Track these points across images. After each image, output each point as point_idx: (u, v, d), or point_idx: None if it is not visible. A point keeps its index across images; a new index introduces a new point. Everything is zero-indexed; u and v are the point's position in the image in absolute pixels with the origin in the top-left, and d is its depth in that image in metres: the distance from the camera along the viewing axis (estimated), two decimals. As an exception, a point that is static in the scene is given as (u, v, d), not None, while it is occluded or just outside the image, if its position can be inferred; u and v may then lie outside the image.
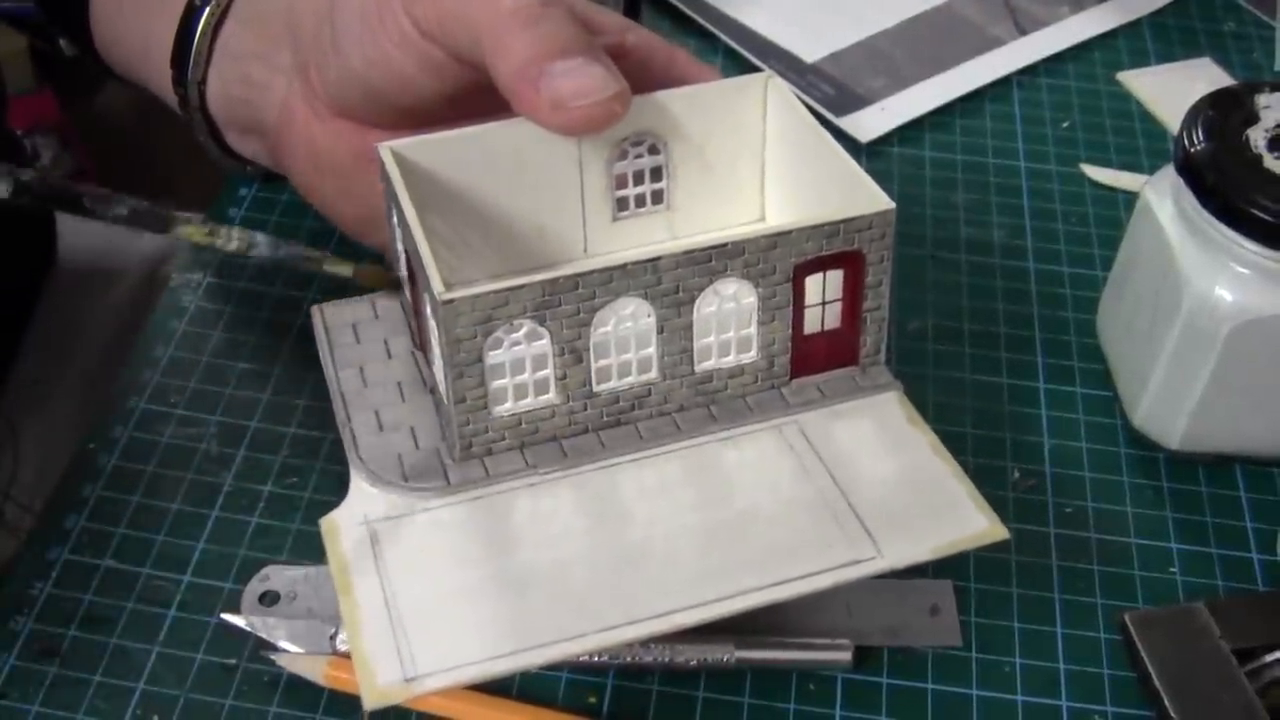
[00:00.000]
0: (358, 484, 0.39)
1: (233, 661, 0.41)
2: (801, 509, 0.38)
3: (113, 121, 1.43)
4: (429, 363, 0.41)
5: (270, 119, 0.48)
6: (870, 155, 0.59)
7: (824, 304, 0.40)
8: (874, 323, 0.41)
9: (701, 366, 0.40)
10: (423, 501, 0.38)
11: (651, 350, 0.39)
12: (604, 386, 0.39)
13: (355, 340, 0.43)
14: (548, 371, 0.38)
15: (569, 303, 0.37)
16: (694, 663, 0.40)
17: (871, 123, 0.61)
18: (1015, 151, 0.60)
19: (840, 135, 0.60)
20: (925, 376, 0.50)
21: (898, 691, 0.41)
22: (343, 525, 0.38)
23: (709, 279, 0.38)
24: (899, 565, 0.36)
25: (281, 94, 0.47)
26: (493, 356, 0.37)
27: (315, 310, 0.44)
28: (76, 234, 0.69)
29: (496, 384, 0.38)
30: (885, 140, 0.60)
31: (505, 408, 0.38)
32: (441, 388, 0.39)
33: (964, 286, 0.53)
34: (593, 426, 0.39)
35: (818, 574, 0.36)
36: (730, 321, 0.39)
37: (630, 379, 0.39)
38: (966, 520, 0.37)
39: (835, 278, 0.39)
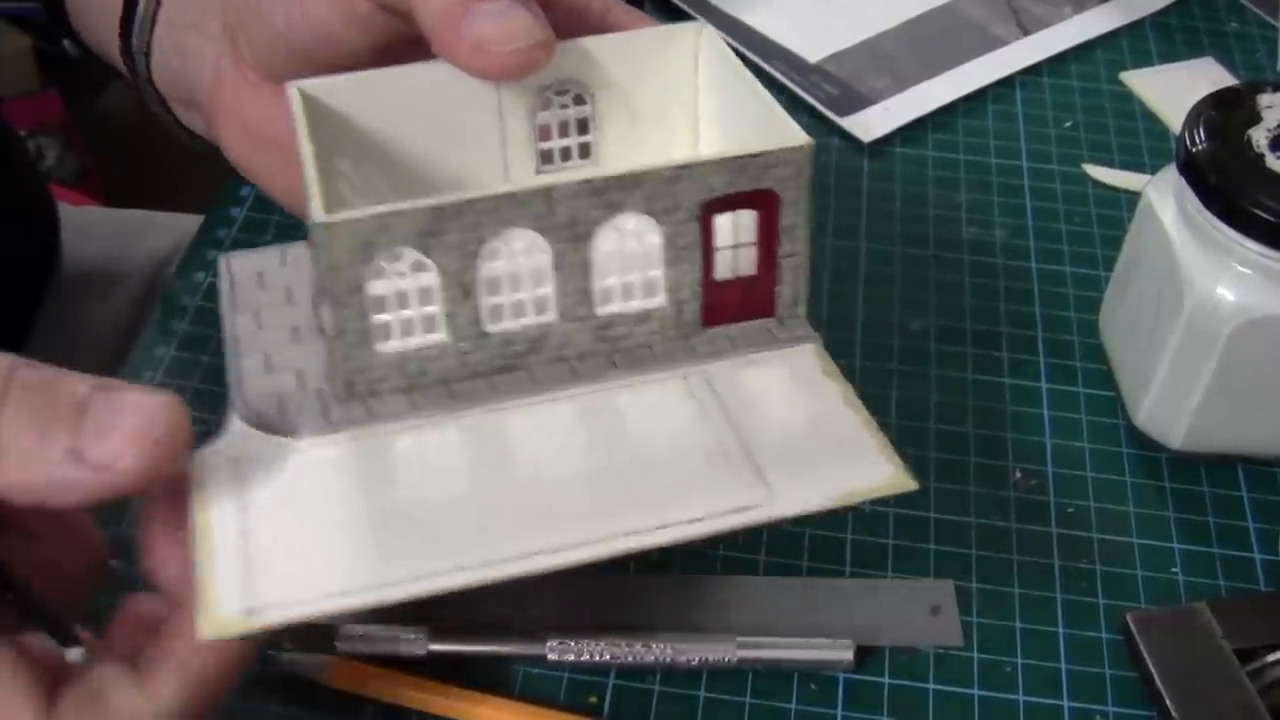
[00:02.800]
0: (233, 422, 0.38)
1: (234, 661, 0.41)
2: (696, 455, 0.36)
3: (116, 122, 1.43)
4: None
5: (203, 89, 0.46)
6: (873, 155, 0.59)
7: (736, 247, 0.38)
8: (791, 270, 0.39)
9: (604, 310, 0.38)
10: (298, 440, 0.37)
11: (548, 290, 0.37)
12: (497, 327, 0.37)
13: (259, 287, 0.42)
14: (435, 308, 0.36)
15: (455, 231, 0.35)
16: (695, 662, 0.40)
17: (874, 123, 0.61)
18: (1018, 151, 0.60)
19: (843, 135, 0.60)
20: (927, 376, 0.50)
21: (899, 691, 0.41)
22: (210, 461, 0.36)
23: (607, 212, 0.36)
24: (792, 513, 0.34)
25: (212, 62, 0.46)
26: (375, 287, 0.36)
27: (224, 260, 0.43)
28: (79, 237, 0.70)
29: (379, 318, 0.36)
30: (888, 140, 0.60)
31: (391, 345, 0.37)
32: (323, 320, 0.37)
33: (966, 286, 0.53)
34: (485, 370, 0.38)
35: (705, 519, 0.34)
36: (634, 262, 0.37)
37: (525, 320, 0.37)
38: (871, 469, 0.35)
39: (748, 219, 0.38)
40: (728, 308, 0.39)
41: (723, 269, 0.38)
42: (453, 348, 0.37)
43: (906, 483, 0.35)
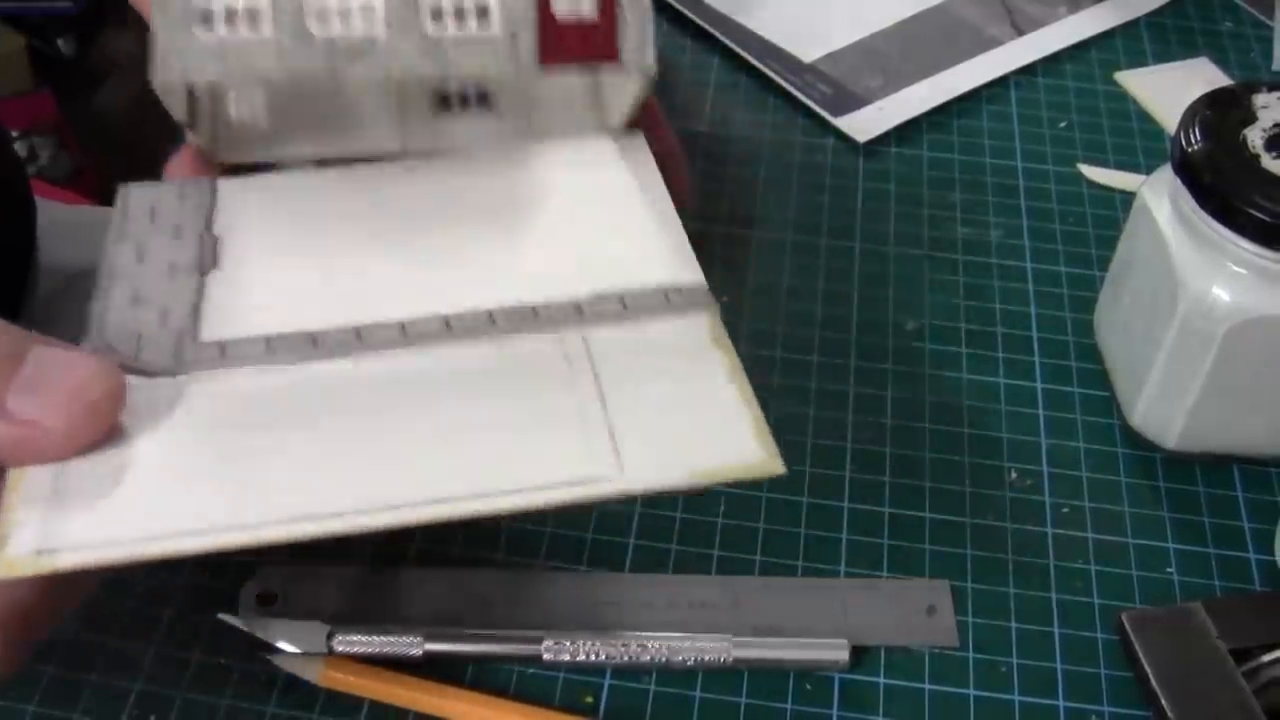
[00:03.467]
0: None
1: (230, 662, 0.41)
2: (552, 423, 0.35)
3: (110, 121, 1.43)
4: None
5: None
6: (867, 155, 0.59)
7: None
8: (634, 12, 0.38)
9: (433, 29, 0.37)
10: (141, 379, 0.36)
11: (377, 2, 0.37)
12: (321, 30, 0.37)
13: (150, 220, 0.41)
14: (261, 3, 0.37)
15: None
16: (691, 662, 0.40)
17: (869, 123, 0.61)
18: (1012, 151, 0.60)
19: (838, 135, 0.60)
20: (921, 376, 0.50)
21: (894, 691, 0.41)
22: None
23: None
24: (639, 488, 0.33)
25: None
26: None
27: (122, 189, 0.42)
28: (73, 235, 0.69)
29: (202, 2, 0.37)
30: (882, 140, 0.60)
31: (212, 33, 0.37)
32: None
33: (961, 286, 0.53)
34: (306, 77, 0.37)
35: (547, 489, 0.33)
36: None
37: (351, 26, 0.37)
38: (738, 450, 0.33)
39: None
40: (567, 48, 0.38)
41: (562, 6, 0.38)
42: (274, 44, 0.37)
43: (774, 467, 0.33)
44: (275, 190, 0.42)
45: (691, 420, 0.34)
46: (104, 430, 0.32)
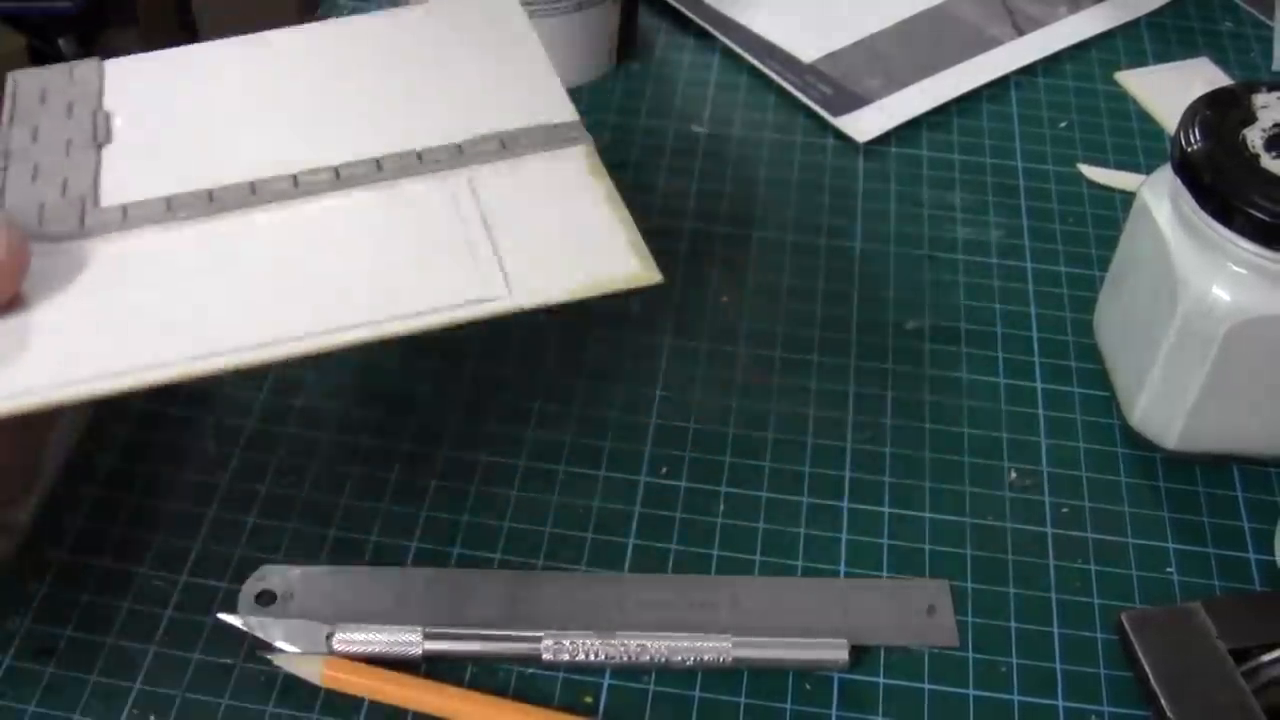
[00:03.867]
0: None
1: (229, 661, 0.41)
2: (443, 252, 0.37)
3: (111, 121, 1.43)
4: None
5: None
6: (867, 155, 0.59)
7: None
8: None
9: None
10: (51, 245, 0.38)
11: None
12: None
13: (40, 102, 0.44)
14: None
15: None
16: (690, 662, 0.40)
17: (869, 123, 0.61)
18: (1013, 151, 0.60)
19: (838, 135, 0.60)
20: (922, 376, 0.50)
21: (894, 691, 0.41)
22: None
23: None
24: (528, 304, 0.36)
25: None
26: None
27: (10, 76, 0.44)
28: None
29: None
30: (883, 140, 0.60)
31: None
32: None
33: (961, 286, 0.53)
34: None
35: (440, 310, 0.36)
36: None
37: None
38: (616, 263, 0.36)
39: None
40: None
41: None
42: None
43: (651, 276, 0.35)
44: (162, 63, 0.44)
45: (572, 242, 0.37)
46: (11, 293, 0.35)
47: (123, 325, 0.36)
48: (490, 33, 0.46)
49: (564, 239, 0.37)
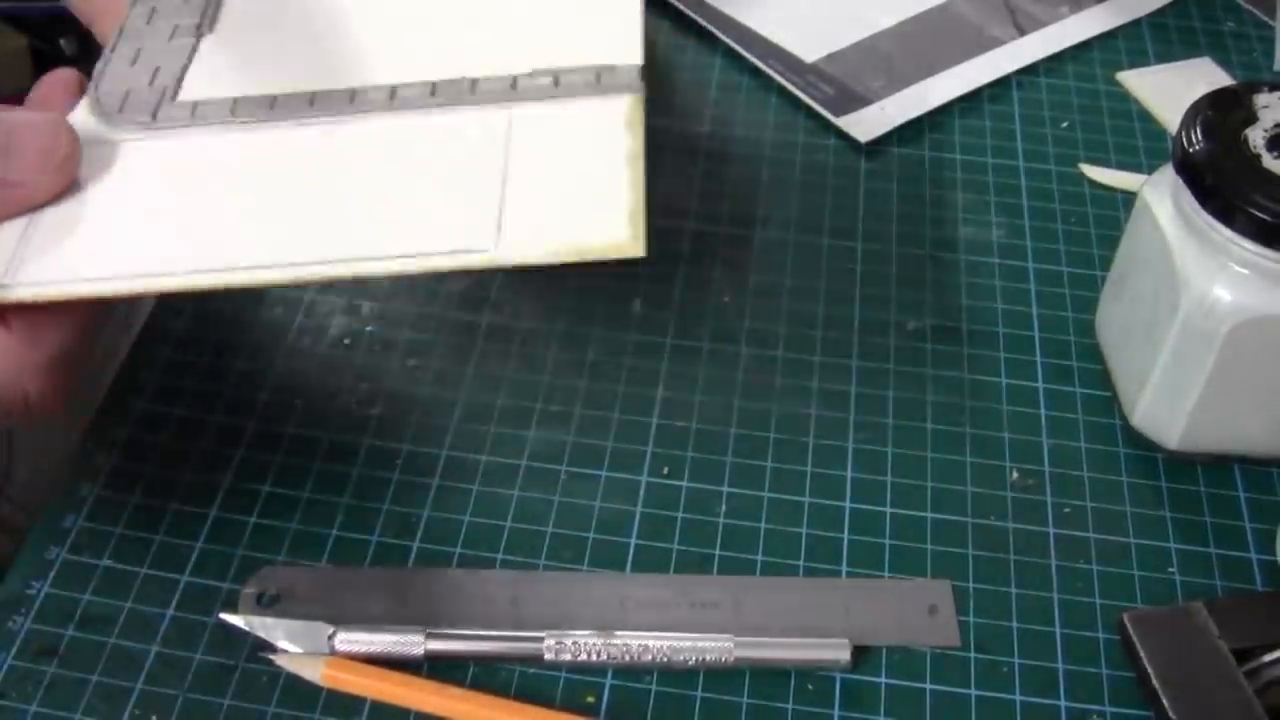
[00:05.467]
0: (79, 108, 0.41)
1: (231, 661, 0.41)
2: (453, 193, 0.37)
3: (113, 121, 1.42)
4: None
5: None
6: (869, 155, 0.59)
7: None
8: None
9: None
10: (123, 133, 0.40)
11: None
12: None
13: None
14: None
15: None
16: (692, 662, 0.40)
17: (871, 123, 0.61)
18: (1014, 151, 0.60)
19: (840, 135, 0.60)
20: (924, 376, 0.50)
21: (896, 691, 0.41)
22: None
23: None
24: (508, 261, 0.35)
25: None
26: None
27: None
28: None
29: None
30: (884, 140, 0.60)
31: None
32: None
33: (963, 286, 0.53)
34: None
35: (424, 255, 0.36)
36: None
37: None
38: (606, 229, 0.35)
39: None
40: None
41: None
42: None
43: (635, 249, 0.35)
44: None
45: (574, 199, 0.36)
46: (68, 183, 0.38)
47: (151, 229, 0.37)
48: None
49: (568, 195, 0.37)
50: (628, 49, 0.40)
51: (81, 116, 0.41)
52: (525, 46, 0.41)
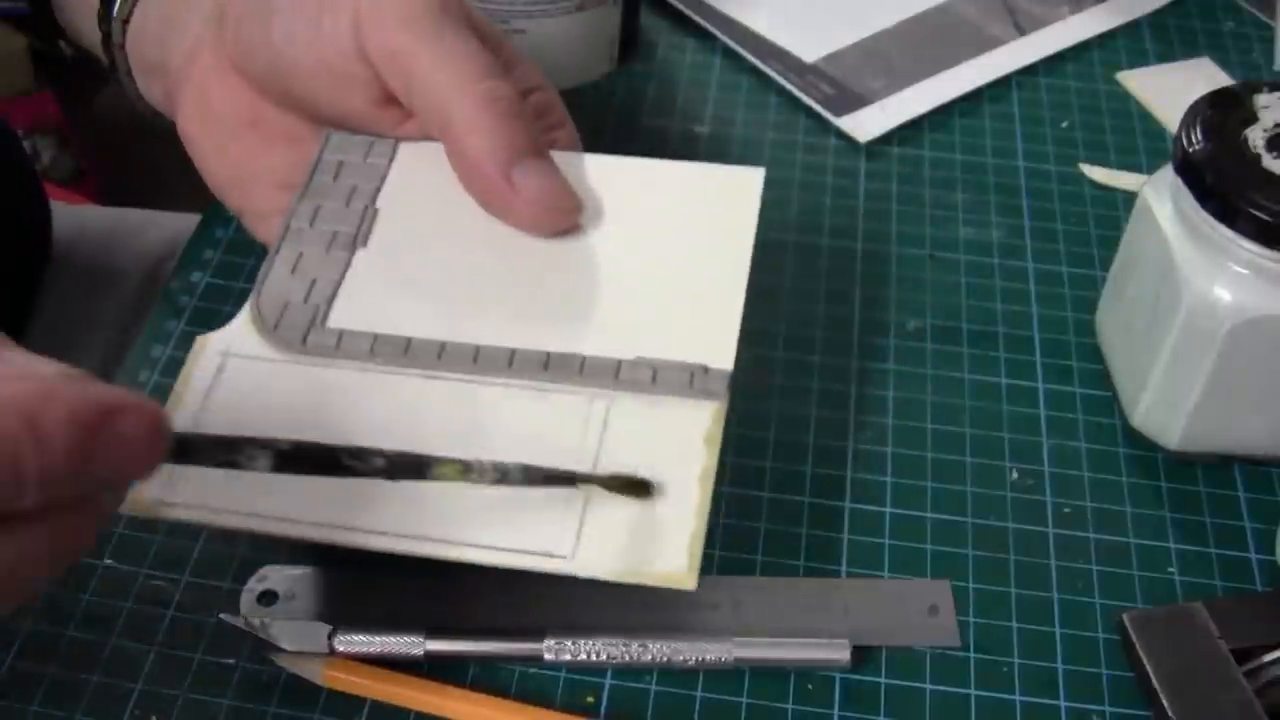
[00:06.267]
0: (242, 316, 0.42)
1: (231, 662, 0.41)
2: (542, 491, 0.38)
3: (112, 122, 1.42)
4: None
5: (175, 60, 0.48)
6: (869, 155, 0.59)
7: None
8: None
9: None
10: (274, 352, 0.41)
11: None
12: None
13: (334, 178, 0.45)
14: None
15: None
16: (692, 662, 0.40)
17: (870, 123, 0.61)
18: (1014, 151, 0.60)
19: (840, 135, 0.60)
20: (924, 376, 0.50)
21: (896, 691, 0.41)
22: (208, 348, 0.41)
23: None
24: (579, 574, 0.37)
25: (194, 35, 0.47)
26: None
27: (326, 135, 0.46)
28: (76, 236, 0.69)
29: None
30: (884, 140, 0.60)
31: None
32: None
33: (963, 286, 0.53)
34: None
35: (507, 551, 0.37)
36: None
37: None
38: (667, 561, 0.37)
39: None
40: None
41: None
42: None
43: (688, 582, 0.37)
44: (443, 165, 0.44)
45: (645, 523, 0.38)
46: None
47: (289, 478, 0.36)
48: (710, 229, 0.45)
49: (639, 517, 0.38)
50: (723, 352, 0.41)
51: (243, 325, 0.41)
52: (632, 324, 0.42)
